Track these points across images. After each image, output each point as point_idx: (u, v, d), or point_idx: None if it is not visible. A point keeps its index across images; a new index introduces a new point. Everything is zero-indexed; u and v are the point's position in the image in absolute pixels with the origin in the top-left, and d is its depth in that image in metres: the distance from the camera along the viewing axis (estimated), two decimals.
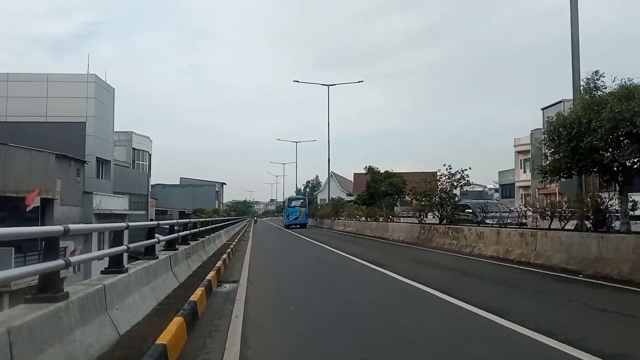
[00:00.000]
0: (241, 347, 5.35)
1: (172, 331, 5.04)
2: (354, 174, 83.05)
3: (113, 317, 5.27)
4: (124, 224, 7.39)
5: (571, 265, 11.55)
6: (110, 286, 5.42)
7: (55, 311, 4.02)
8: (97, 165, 36.66)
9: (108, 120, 39.42)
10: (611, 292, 8.91)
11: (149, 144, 56.17)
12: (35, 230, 4.95)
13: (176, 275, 9.45)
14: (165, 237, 10.53)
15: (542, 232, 13.69)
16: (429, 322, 6.79)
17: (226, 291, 9.46)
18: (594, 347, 5.10)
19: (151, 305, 6.88)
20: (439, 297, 8.40)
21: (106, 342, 4.82)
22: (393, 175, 43.85)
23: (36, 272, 4.28)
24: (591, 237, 11.55)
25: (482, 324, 6.42)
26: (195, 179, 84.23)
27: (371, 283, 10.75)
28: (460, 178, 22.50)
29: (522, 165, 52.88)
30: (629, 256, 10.22)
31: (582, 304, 7.89)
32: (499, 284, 10.32)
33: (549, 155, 13.39)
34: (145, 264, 7.59)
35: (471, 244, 17.08)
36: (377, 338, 5.80)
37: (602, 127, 10.81)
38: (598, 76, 12.42)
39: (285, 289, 10.15)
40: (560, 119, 12.26)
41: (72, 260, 4.84)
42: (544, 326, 6.00)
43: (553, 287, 9.68)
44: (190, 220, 15.92)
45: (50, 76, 36.78)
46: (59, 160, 28.61)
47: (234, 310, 7.45)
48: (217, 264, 11.95)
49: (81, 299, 4.60)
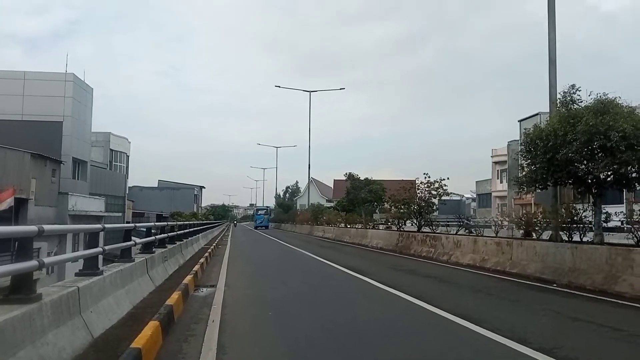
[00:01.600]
0: (217, 352, 5.31)
1: (147, 335, 4.97)
2: (333, 180, 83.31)
3: (87, 320, 5.17)
4: (99, 226, 7.28)
5: (546, 275, 11.74)
6: (84, 288, 5.33)
7: (27, 313, 3.94)
8: (73, 166, 36.08)
9: (86, 120, 38.88)
10: (584, 302, 9.07)
11: (127, 145, 55.52)
12: (8, 230, 4.84)
13: (152, 278, 9.34)
14: (142, 240, 10.40)
15: (517, 241, 13.89)
16: (405, 329, 6.82)
17: (203, 295, 9.37)
18: (568, 355, 5.20)
19: (126, 309, 6.78)
20: (416, 304, 8.45)
21: (80, 345, 4.73)
22: (373, 182, 44.04)
23: (8, 272, 4.18)
24: (565, 248, 11.76)
25: (458, 331, 6.47)
26: (174, 181, 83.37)
27: (349, 290, 10.75)
28: (438, 187, 22.72)
29: (499, 176, 53.72)
30: (602, 267, 10.43)
31: (556, 313, 8.02)
32: (475, 292, 10.43)
33: (525, 166, 13.60)
34: (121, 266, 7.48)
35: (448, 252, 17.24)
36: (355, 345, 5.81)
37: (578, 139, 11.04)
38: (574, 90, 12.67)
39: (263, 294, 10.09)
40: (537, 131, 12.47)
41: (45, 262, 4.75)
42: (519, 334, 6.08)
43: (528, 296, 9.82)
44: (167, 223, 15.76)
45: (28, 74, 36.17)
46: (35, 159, 28.07)
47: (210, 315, 7.39)
48: (194, 268, 11.83)
49: (54, 301, 4.51)
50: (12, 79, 35.32)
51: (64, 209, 30.71)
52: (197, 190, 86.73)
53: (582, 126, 10.96)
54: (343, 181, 49.37)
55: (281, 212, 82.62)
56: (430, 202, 23.40)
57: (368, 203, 40.30)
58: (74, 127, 35.70)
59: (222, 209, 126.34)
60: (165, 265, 11.37)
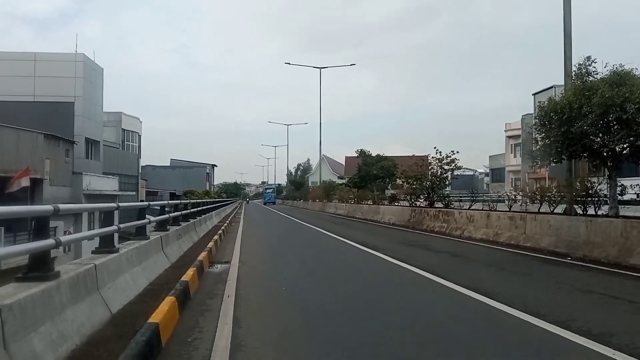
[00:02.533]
0: (233, 326, 5.38)
1: (164, 310, 5.05)
2: (345, 157, 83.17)
3: (105, 297, 5.26)
4: (114, 205, 7.35)
5: (559, 248, 11.69)
6: (101, 266, 5.41)
7: (46, 290, 4.00)
8: (86, 146, 36.36)
9: (97, 100, 38.99)
10: (598, 275, 9.04)
11: (139, 124, 55.67)
12: (25, 209, 4.91)
13: (167, 255, 9.45)
14: (157, 218, 10.50)
15: (531, 215, 13.82)
16: (418, 303, 6.84)
17: (218, 272, 9.48)
18: (581, 327, 5.19)
19: (143, 285, 6.88)
20: (428, 277, 8.48)
21: (98, 320, 4.82)
22: (384, 158, 43.89)
23: (27, 251, 4.25)
24: (580, 221, 11.68)
25: (472, 305, 6.49)
26: (186, 160, 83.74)
27: (362, 265, 10.82)
28: (450, 162, 22.59)
29: (513, 150, 53.17)
30: (616, 240, 10.35)
31: (569, 286, 8.00)
32: (488, 265, 10.43)
33: (540, 140, 13.43)
34: (137, 244, 7.57)
35: (461, 227, 17.22)
36: (367, 316, 5.86)
37: (593, 112, 10.87)
38: (590, 62, 12.43)
39: (277, 270, 10.19)
40: (552, 104, 12.28)
41: (62, 240, 4.81)
42: (532, 307, 6.08)
43: (542, 270, 9.80)
44: (181, 201, 15.89)
45: (38, 55, 36.23)
46: (48, 140, 28.32)
47: (225, 290, 7.48)
48: (208, 245, 11.95)
49: (72, 278, 4.58)
50: (23, 60, 35.42)
51: (78, 189, 31.08)
52: (209, 168, 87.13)
53: (597, 98, 10.77)
54: (355, 158, 49.23)
55: (293, 189, 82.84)
56: (442, 178, 23.31)
57: (380, 179, 40.21)
58: (86, 107, 35.84)
59: (235, 186, 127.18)
60: (179, 242, 11.49)
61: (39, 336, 3.65)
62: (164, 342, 4.62)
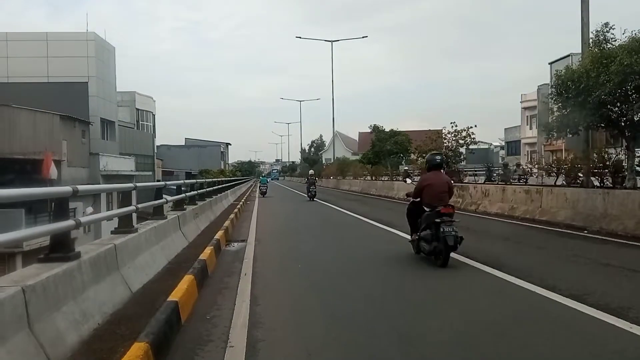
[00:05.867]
0: (251, 303, 5.47)
1: (183, 289, 5.14)
2: (358, 132, 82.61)
3: (125, 276, 5.37)
4: (131, 185, 7.42)
5: (576, 222, 11.60)
6: (121, 245, 5.50)
7: (68, 270, 4.09)
8: (101, 126, 36.54)
9: (110, 80, 39.01)
10: (616, 248, 8.98)
11: (152, 104, 55.73)
12: (45, 191, 4.99)
13: (185, 234, 9.58)
14: (173, 198, 10.60)
15: (547, 189, 13.70)
16: (432, 278, 6.85)
17: (235, 250, 9.60)
18: (598, 301, 5.18)
19: (162, 264, 7.00)
20: None
21: (119, 299, 4.93)
22: (398, 133, 43.40)
23: (48, 232, 4.33)
24: (597, 194, 11.55)
25: (487, 279, 6.51)
26: (200, 139, 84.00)
27: (377, 241, 10.85)
28: (466, 136, 22.38)
29: (529, 122, 52.36)
30: (634, 212, 10.24)
31: (586, 260, 7.97)
32: (503, 239, 10.41)
33: (556, 110, 13.21)
34: (155, 224, 7.67)
35: (476, 201, 17.14)
36: (384, 295, 5.91)
37: (611, 80, 10.63)
38: (608, 28, 12.11)
39: (292, 247, 10.27)
40: (569, 72, 12.04)
41: (82, 221, 4.89)
42: (548, 281, 6.08)
43: (558, 243, 9.76)
44: (197, 180, 16.01)
45: (50, 35, 36.21)
46: (64, 121, 28.52)
47: (242, 269, 7.58)
48: (225, 224, 12.07)
49: (93, 258, 4.67)
50: (35, 41, 35.45)
51: (95, 170, 31.41)
52: (224, 147, 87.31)
53: (615, 66, 10.53)
54: (368, 133, 48.82)
55: (307, 166, 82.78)
56: (457, 152, 23.13)
57: (394, 155, 39.92)
58: (99, 87, 35.90)
59: (249, 165, 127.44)
60: (196, 221, 11.62)
61: (62, 315, 3.75)
62: (184, 319, 4.72)
